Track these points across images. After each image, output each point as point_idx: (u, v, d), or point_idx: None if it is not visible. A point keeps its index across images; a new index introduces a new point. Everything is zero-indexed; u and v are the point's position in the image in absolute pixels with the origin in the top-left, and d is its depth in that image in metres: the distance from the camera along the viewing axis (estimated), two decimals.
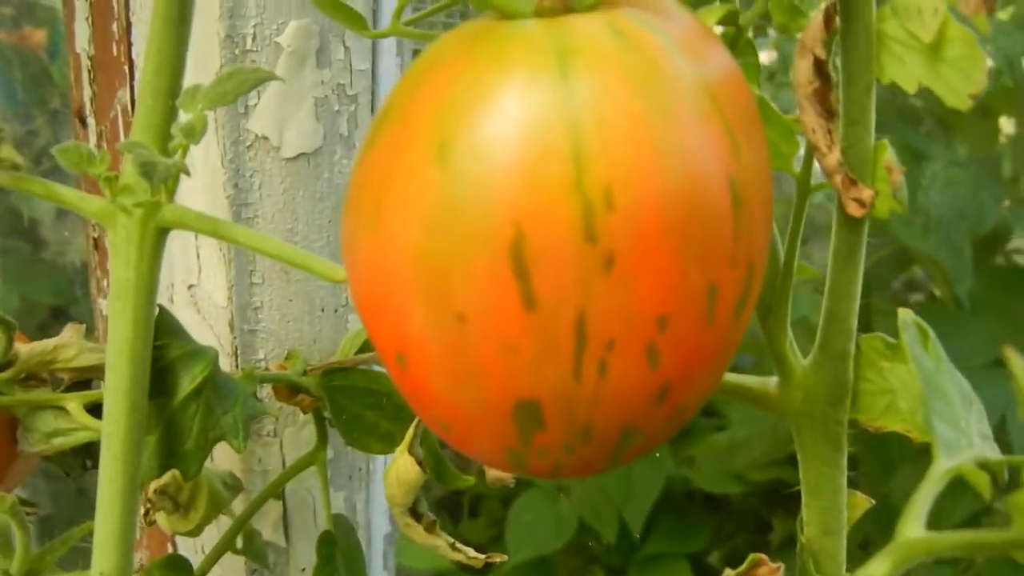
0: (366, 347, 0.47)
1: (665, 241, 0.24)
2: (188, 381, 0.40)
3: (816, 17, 0.30)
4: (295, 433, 0.51)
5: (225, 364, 0.48)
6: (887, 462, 1.22)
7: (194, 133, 0.35)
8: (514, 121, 0.24)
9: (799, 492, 0.36)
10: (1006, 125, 1.58)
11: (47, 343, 0.45)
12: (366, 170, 0.26)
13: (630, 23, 0.25)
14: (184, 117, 0.36)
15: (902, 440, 0.34)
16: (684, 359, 0.25)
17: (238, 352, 0.50)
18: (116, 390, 0.37)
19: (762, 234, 0.27)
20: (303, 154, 0.47)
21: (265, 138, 0.47)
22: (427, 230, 0.24)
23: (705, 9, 0.31)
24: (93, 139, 0.59)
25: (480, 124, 0.24)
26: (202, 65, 0.47)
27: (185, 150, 0.36)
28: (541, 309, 0.24)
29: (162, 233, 0.37)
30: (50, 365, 0.45)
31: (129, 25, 0.53)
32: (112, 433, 0.37)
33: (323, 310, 0.50)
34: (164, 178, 0.34)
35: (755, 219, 0.26)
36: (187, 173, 0.35)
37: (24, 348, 0.44)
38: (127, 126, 0.55)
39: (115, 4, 0.54)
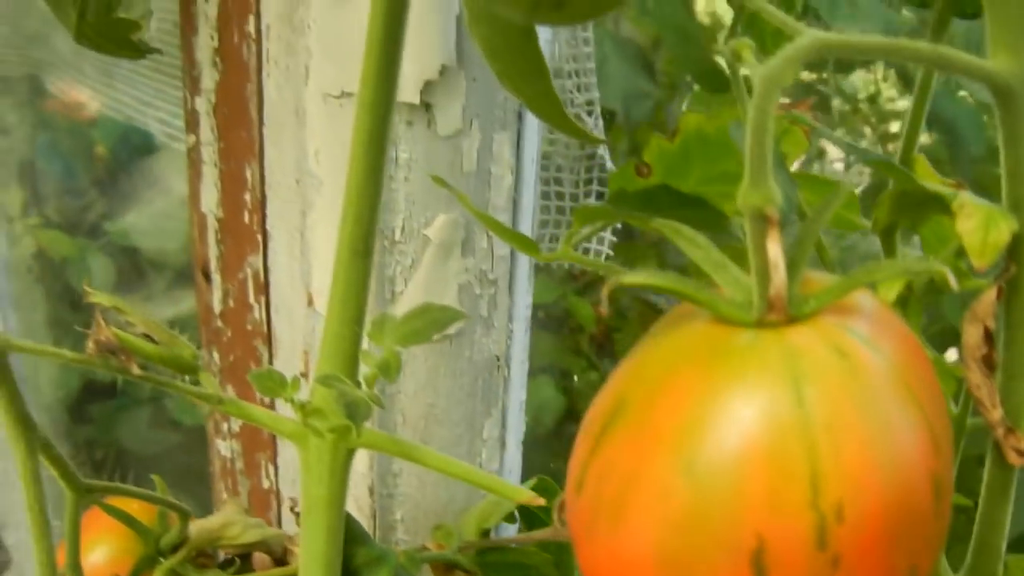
0: (508, 518, 0.50)
1: (883, 541, 0.27)
2: None
3: (989, 292, 0.33)
4: None
5: (363, 525, 0.51)
6: None
7: (390, 370, 0.38)
8: (758, 443, 0.27)
9: None
10: None
11: (213, 521, 0.48)
12: (605, 463, 0.29)
13: (848, 340, 0.28)
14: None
15: None
16: None
17: (376, 514, 0.53)
18: None
19: (949, 503, 0.30)
20: (446, 335, 0.50)
21: None
22: (673, 533, 0.27)
23: (884, 287, 0.34)
24: (218, 295, 0.62)
25: (727, 444, 0.27)
26: None
27: (374, 380, 0.39)
28: None
29: (352, 453, 0.39)
30: (217, 542, 0.47)
31: (264, 198, 0.56)
32: None
33: None
34: (364, 415, 0.37)
35: (948, 499, 0.29)
36: (381, 406, 0.38)
37: (194, 527, 0.47)
38: (258, 289, 0.58)
39: (248, 176, 0.57)
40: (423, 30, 0.45)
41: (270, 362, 0.59)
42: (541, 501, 0.39)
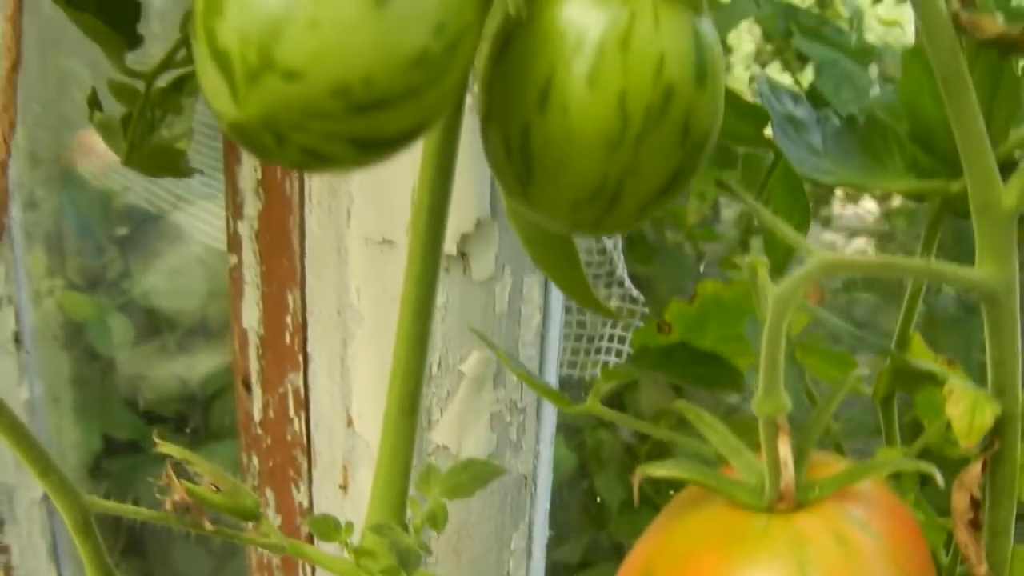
0: None
1: None
2: None
3: (975, 465, 0.37)
4: None
5: None
6: None
7: (437, 521, 0.42)
8: None
9: None
10: None
11: None
12: None
13: (847, 527, 0.32)
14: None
15: None
16: None
17: None
18: None
19: None
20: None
21: (446, 447, 0.54)
22: None
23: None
24: (258, 405, 0.66)
25: None
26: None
27: (422, 527, 0.43)
28: None
29: None
30: None
31: (305, 322, 0.60)
32: None
33: None
34: (415, 563, 0.41)
35: None
36: (428, 552, 0.42)
37: None
38: (298, 404, 0.62)
39: (290, 301, 0.61)
40: (460, 188, 0.49)
41: (309, 472, 0.63)
42: None
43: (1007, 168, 0.34)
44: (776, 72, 1.57)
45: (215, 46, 0.26)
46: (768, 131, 0.38)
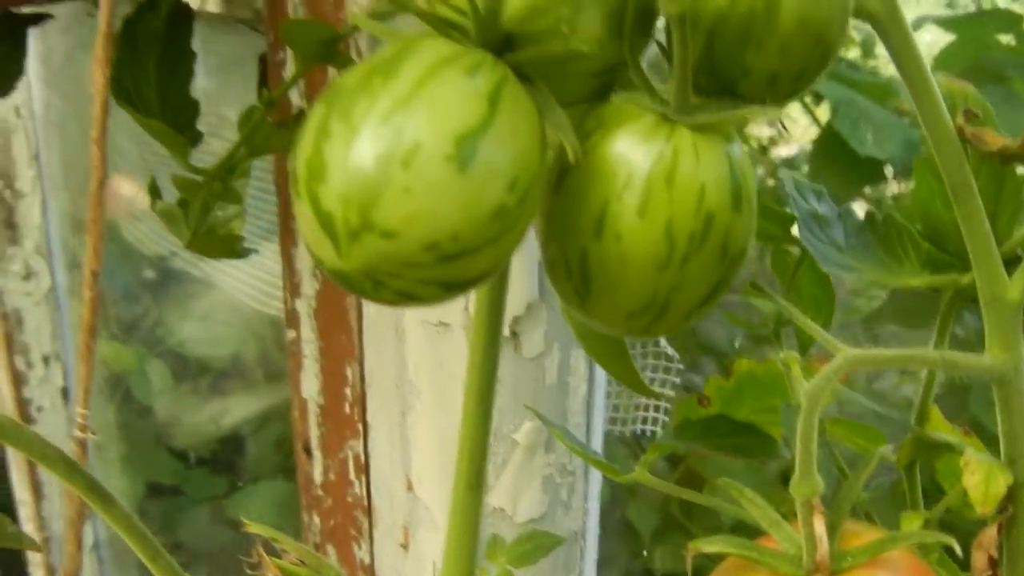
0: None
1: None
2: None
3: (991, 528, 0.41)
4: None
5: None
6: None
7: None
8: None
9: None
10: None
11: None
12: None
13: None
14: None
15: None
16: None
17: None
18: None
19: None
20: (531, 519, 0.58)
21: (502, 509, 0.58)
22: None
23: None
24: (319, 468, 0.70)
25: None
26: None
27: None
28: None
29: None
30: None
31: (364, 394, 0.64)
32: None
33: None
34: None
35: None
36: None
37: None
38: (358, 468, 0.67)
39: (348, 374, 0.65)
40: (512, 276, 0.54)
41: (370, 532, 0.67)
42: None
43: (1012, 263, 0.38)
44: (795, 111, 1.60)
45: (319, 208, 0.31)
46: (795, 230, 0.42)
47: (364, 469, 0.66)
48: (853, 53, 1.58)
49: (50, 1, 0.57)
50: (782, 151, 1.84)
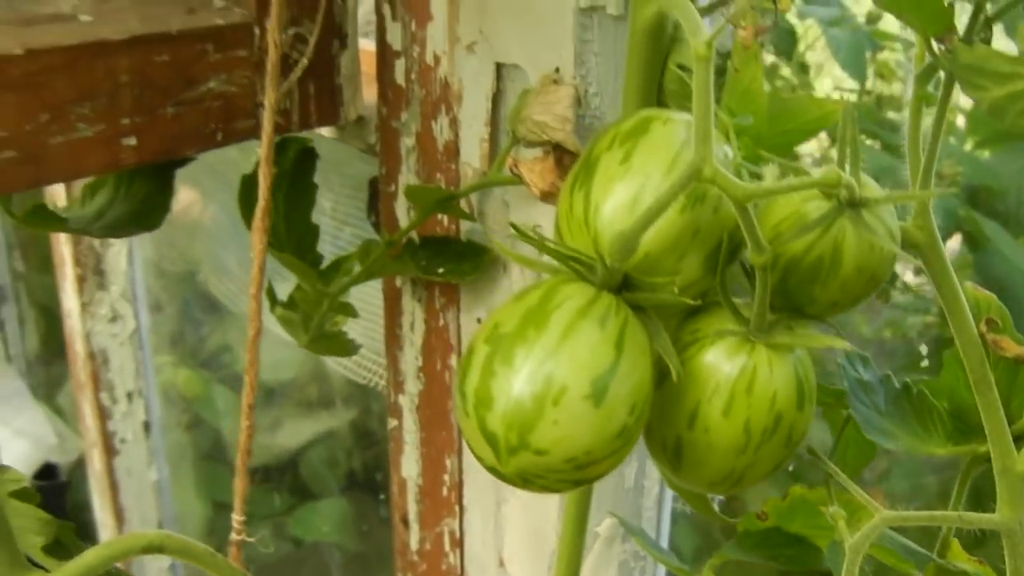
0: None
1: None
2: None
3: None
4: None
5: None
6: None
7: None
8: None
9: None
10: None
11: None
12: None
13: None
14: None
15: None
16: None
17: None
18: None
19: None
20: None
21: None
22: None
23: None
24: (415, 538, 0.80)
25: None
26: None
27: None
28: None
29: None
30: None
31: (461, 482, 0.74)
32: None
33: None
34: None
35: None
36: None
37: None
38: (453, 543, 0.76)
39: (447, 464, 0.75)
40: None
41: None
42: None
43: (1022, 438, 0.48)
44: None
45: (485, 428, 0.40)
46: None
47: (459, 544, 0.76)
48: (892, 112, 1.66)
49: (204, 149, 0.65)
50: None
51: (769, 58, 1.79)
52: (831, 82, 2.04)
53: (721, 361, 0.44)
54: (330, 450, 1.96)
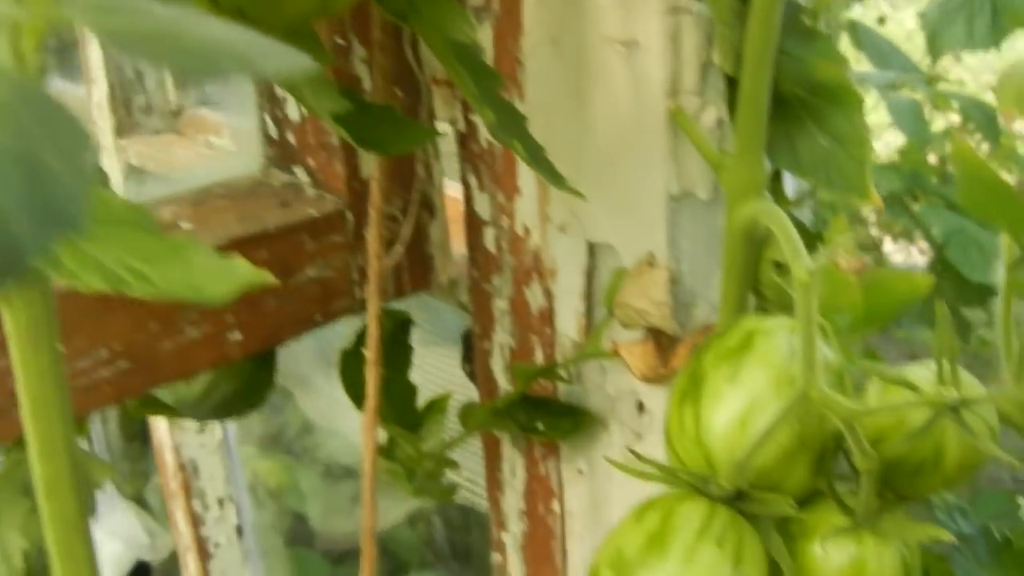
0: None
1: None
2: None
3: None
4: None
5: None
6: None
7: None
8: None
9: None
10: None
11: None
12: None
13: None
14: None
15: None
16: None
17: None
18: None
19: None
20: None
21: None
22: None
23: None
24: None
25: None
26: None
27: None
28: None
29: None
30: None
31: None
32: None
33: None
34: None
35: None
36: None
37: None
38: None
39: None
40: None
41: None
42: None
43: None
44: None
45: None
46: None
47: None
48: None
49: (305, 332, 0.68)
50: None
51: None
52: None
53: (831, 553, 0.46)
54: (418, 530, 1.98)
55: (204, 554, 1.55)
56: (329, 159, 0.67)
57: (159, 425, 1.48)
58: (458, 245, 0.74)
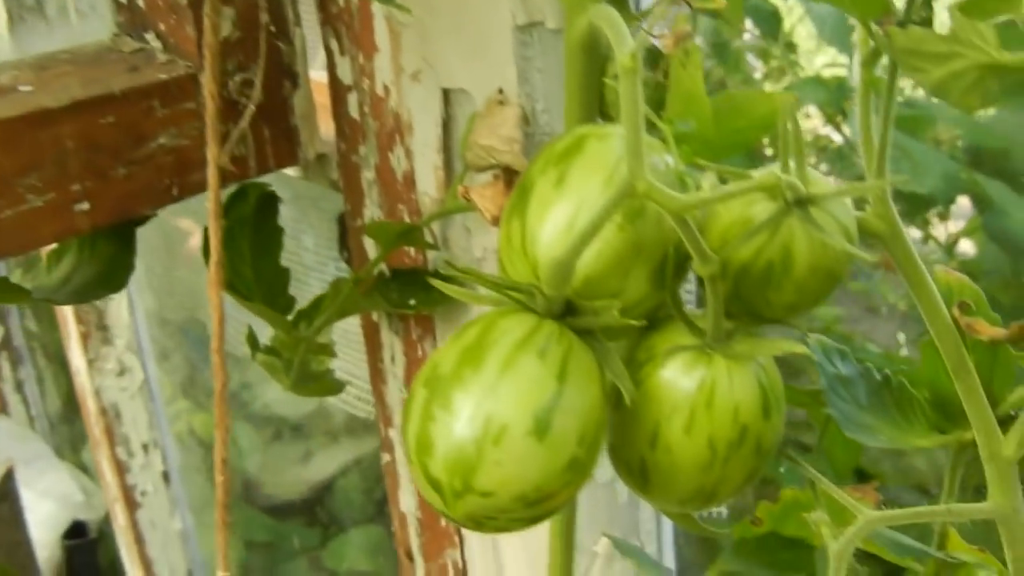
0: None
1: None
2: None
3: None
4: None
5: None
6: None
7: None
8: None
9: None
10: None
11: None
12: None
13: None
14: None
15: None
16: None
17: None
18: None
19: None
20: None
21: None
22: None
23: None
24: (421, 572, 0.78)
25: None
26: None
27: None
28: None
29: None
30: None
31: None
32: None
33: None
34: None
35: None
36: None
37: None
38: (456, 571, 0.75)
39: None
40: None
41: None
42: None
43: (1007, 421, 0.46)
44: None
45: (428, 474, 0.39)
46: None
47: (463, 573, 0.74)
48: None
49: (161, 205, 0.64)
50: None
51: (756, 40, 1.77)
52: (827, 58, 2.01)
53: (678, 377, 0.42)
54: (359, 479, 1.95)
55: (132, 503, 1.51)
56: (180, 22, 0.63)
57: (79, 370, 1.44)
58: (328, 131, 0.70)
